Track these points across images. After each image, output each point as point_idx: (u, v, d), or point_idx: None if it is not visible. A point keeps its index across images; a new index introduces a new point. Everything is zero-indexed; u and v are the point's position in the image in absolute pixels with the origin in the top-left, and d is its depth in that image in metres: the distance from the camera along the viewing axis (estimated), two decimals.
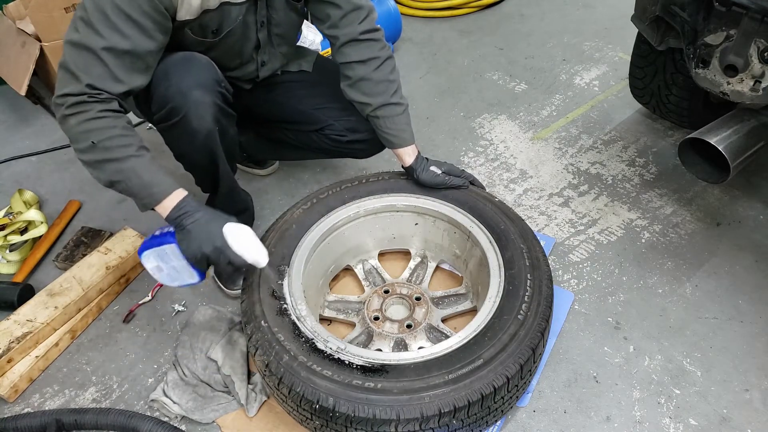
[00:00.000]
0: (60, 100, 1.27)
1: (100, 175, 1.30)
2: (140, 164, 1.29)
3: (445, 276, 1.75)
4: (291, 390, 1.22)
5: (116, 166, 1.27)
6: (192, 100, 1.41)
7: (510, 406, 1.32)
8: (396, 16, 2.65)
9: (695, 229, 1.89)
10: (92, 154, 1.27)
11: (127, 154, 1.28)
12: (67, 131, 1.29)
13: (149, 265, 1.33)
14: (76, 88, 1.25)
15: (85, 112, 1.26)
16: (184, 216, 1.29)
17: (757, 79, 1.52)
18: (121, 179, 1.28)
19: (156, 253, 1.31)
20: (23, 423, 1.33)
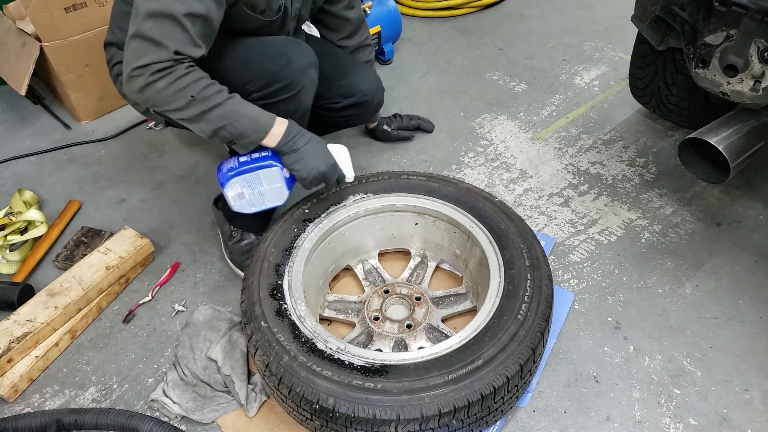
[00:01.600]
0: (139, 71, 1.27)
1: (205, 127, 1.34)
2: (239, 103, 1.35)
3: (445, 276, 1.75)
4: (291, 390, 1.22)
5: (219, 111, 1.32)
6: (309, 78, 1.52)
7: (510, 406, 1.32)
8: (396, 16, 2.65)
9: (695, 229, 1.89)
10: (194, 108, 1.31)
11: (224, 97, 1.33)
12: (154, 96, 1.29)
13: (233, 192, 1.43)
14: (161, 55, 1.26)
15: (173, 73, 1.28)
16: (297, 137, 1.39)
17: (757, 79, 1.52)
18: (226, 123, 1.33)
19: (245, 179, 1.41)
20: (23, 423, 1.33)
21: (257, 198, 1.46)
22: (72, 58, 2.26)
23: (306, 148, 1.41)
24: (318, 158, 1.42)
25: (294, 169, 1.41)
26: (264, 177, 1.42)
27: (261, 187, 1.44)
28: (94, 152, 2.30)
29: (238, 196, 1.44)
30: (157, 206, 2.04)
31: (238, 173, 1.41)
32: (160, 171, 2.19)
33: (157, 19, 1.26)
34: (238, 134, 1.36)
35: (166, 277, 1.78)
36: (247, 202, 1.46)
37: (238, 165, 1.42)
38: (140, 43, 1.27)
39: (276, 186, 1.44)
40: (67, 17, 2.18)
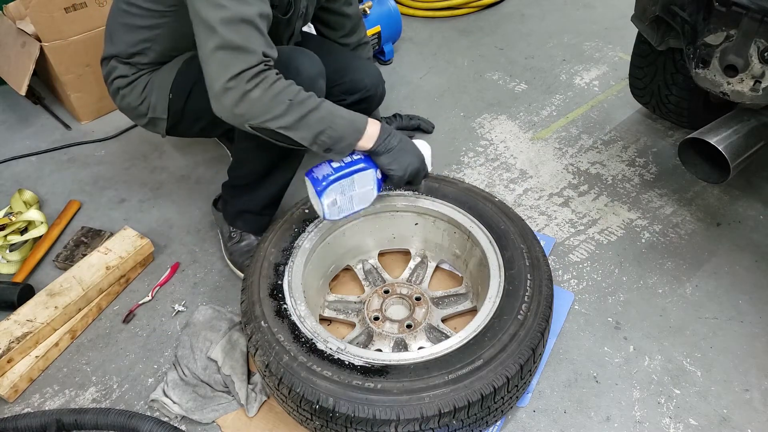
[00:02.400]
0: (234, 82, 1.22)
1: (305, 133, 1.29)
2: (332, 106, 1.32)
3: (445, 276, 1.75)
4: (291, 390, 1.22)
5: (317, 114, 1.28)
6: (318, 87, 1.48)
7: (510, 406, 1.32)
8: (396, 16, 2.65)
9: (695, 229, 1.89)
10: (292, 114, 1.26)
11: (318, 101, 1.30)
12: (252, 106, 1.24)
13: (328, 200, 1.37)
14: (252, 60, 1.23)
15: (266, 79, 1.24)
16: (391, 137, 1.38)
17: (757, 79, 1.52)
18: (325, 127, 1.29)
19: (341, 185, 1.37)
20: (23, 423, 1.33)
21: (347, 203, 1.41)
22: (72, 58, 2.26)
23: (400, 146, 1.39)
24: (411, 155, 1.41)
25: (390, 168, 1.39)
26: (358, 181, 1.38)
27: (353, 192, 1.39)
28: (94, 152, 2.30)
29: (332, 204, 1.38)
30: (157, 206, 2.05)
31: (335, 179, 1.35)
32: (160, 171, 2.19)
33: (236, 26, 1.21)
34: (337, 137, 1.31)
35: (166, 277, 1.78)
36: (337, 209, 1.41)
37: (333, 171, 1.36)
38: (226, 53, 1.21)
39: (367, 189, 1.41)
40: (67, 17, 2.18)
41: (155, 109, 1.61)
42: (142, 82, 1.60)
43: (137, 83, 1.61)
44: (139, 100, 1.61)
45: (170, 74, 1.57)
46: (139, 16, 1.51)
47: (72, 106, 2.40)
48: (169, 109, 1.59)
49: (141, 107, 1.63)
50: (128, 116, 1.71)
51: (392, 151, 1.38)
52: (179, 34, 1.52)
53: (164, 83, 1.57)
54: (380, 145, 1.37)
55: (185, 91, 1.55)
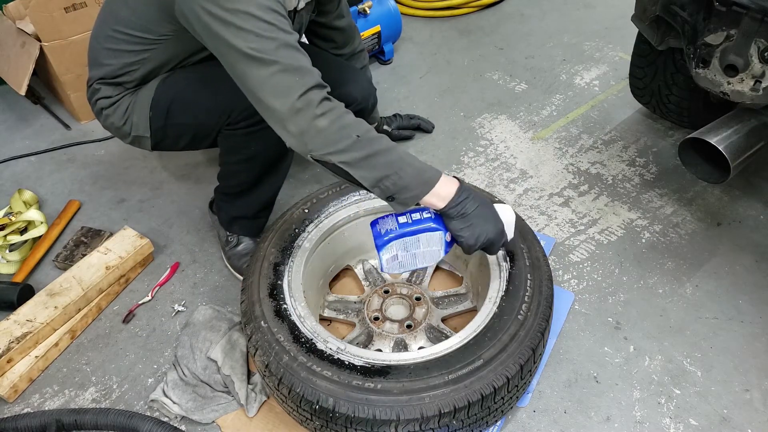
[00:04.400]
0: (301, 103, 1.16)
1: (368, 174, 1.20)
2: (405, 153, 1.24)
3: (445, 276, 1.74)
4: (291, 390, 1.22)
5: (386, 158, 1.20)
6: None
7: (510, 406, 1.32)
8: (396, 16, 2.65)
9: (695, 229, 1.88)
10: (358, 151, 1.18)
11: (389, 144, 1.22)
12: (318, 134, 1.17)
13: (388, 255, 1.29)
14: (312, 80, 1.18)
15: (335, 109, 1.19)
16: (468, 201, 1.26)
17: (757, 78, 1.52)
18: (391, 172, 1.20)
19: (404, 242, 1.28)
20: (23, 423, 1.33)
21: (409, 259, 1.32)
22: (72, 58, 2.26)
23: (476, 213, 1.26)
24: (488, 224, 1.27)
25: (460, 235, 1.26)
26: (423, 240, 1.28)
27: (417, 250, 1.30)
28: (94, 152, 2.30)
29: (392, 259, 1.30)
30: (157, 206, 2.04)
31: (398, 236, 1.27)
32: (159, 171, 2.19)
33: (284, 50, 1.18)
34: (402, 186, 1.21)
35: (166, 277, 1.78)
36: (398, 264, 1.32)
37: (398, 227, 1.28)
38: (285, 76, 1.17)
39: (433, 249, 1.30)
40: (67, 17, 2.18)
41: (138, 128, 1.59)
42: (125, 102, 1.58)
43: (120, 103, 1.59)
44: (122, 120, 1.59)
45: (150, 93, 1.55)
46: (125, 42, 1.48)
47: (72, 106, 2.40)
48: (151, 127, 1.57)
49: (125, 127, 1.61)
50: (114, 134, 1.68)
51: (466, 217, 1.26)
52: (168, 57, 1.51)
53: (144, 102, 1.55)
54: (453, 208, 1.25)
55: (164, 109, 1.53)
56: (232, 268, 1.77)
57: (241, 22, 1.16)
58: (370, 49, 2.62)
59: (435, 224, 1.28)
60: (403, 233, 1.27)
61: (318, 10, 1.78)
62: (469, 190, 1.27)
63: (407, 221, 1.29)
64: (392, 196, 1.23)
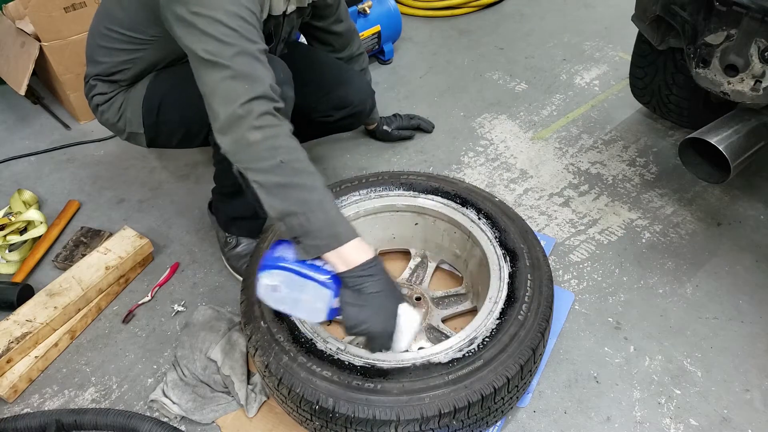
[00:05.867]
0: (243, 110, 1.13)
1: (276, 203, 1.14)
2: (328, 199, 1.16)
3: (445, 276, 1.74)
4: (291, 391, 1.21)
5: (301, 194, 1.13)
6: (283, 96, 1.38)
7: (510, 406, 1.32)
8: (396, 15, 2.65)
9: (696, 229, 1.88)
10: (278, 176, 1.13)
11: (315, 183, 1.15)
12: (248, 147, 1.14)
13: (268, 281, 1.18)
14: (259, 90, 1.16)
15: (275, 127, 1.15)
16: (370, 279, 1.14)
17: (757, 78, 1.52)
18: (300, 211, 1.12)
19: (291, 278, 1.16)
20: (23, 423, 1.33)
21: (291, 302, 1.19)
22: (71, 57, 2.26)
23: (372, 299, 1.14)
24: (378, 317, 1.15)
25: (345, 309, 1.15)
26: (310, 290, 1.16)
27: (301, 295, 1.17)
28: (94, 152, 2.30)
29: (270, 288, 1.18)
30: (157, 206, 2.04)
31: (287, 269, 1.16)
32: (159, 171, 2.19)
33: (240, 58, 1.17)
34: (308, 230, 1.13)
35: (166, 277, 1.78)
36: (276, 298, 1.20)
37: (294, 261, 1.17)
38: (233, 83, 1.15)
39: (317, 306, 1.17)
40: (67, 17, 2.18)
41: (132, 124, 1.61)
42: (119, 99, 1.61)
43: (114, 100, 1.61)
44: (116, 116, 1.62)
45: (142, 90, 1.57)
46: (118, 41, 1.51)
47: (71, 106, 2.40)
48: (144, 123, 1.59)
49: (119, 123, 1.63)
50: (110, 131, 1.72)
51: (361, 295, 1.14)
52: (159, 57, 1.53)
53: (137, 99, 1.58)
54: (351, 278, 1.14)
55: (155, 106, 1.55)
56: (232, 269, 1.76)
57: (205, 26, 1.17)
58: (370, 49, 2.62)
59: (330, 281, 1.15)
60: (293, 269, 1.16)
61: (315, 15, 1.77)
62: (379, 271, 1.16)
63: (313, 263, 1.17)
64: (297, 238, 1.16)
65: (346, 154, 2.22)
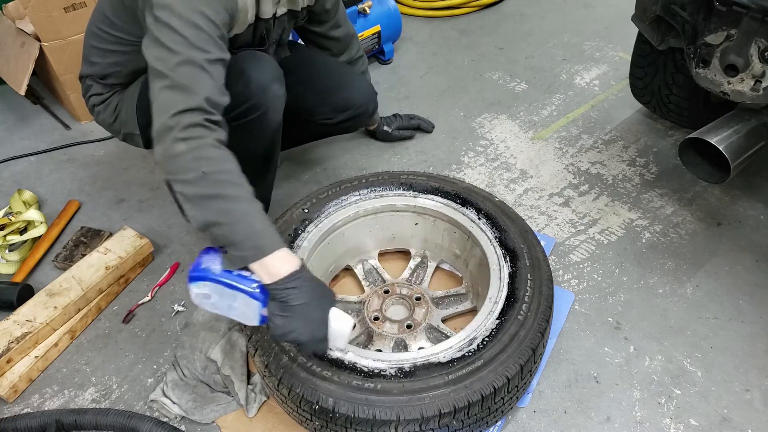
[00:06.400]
0: (172, 121, 1.13)
1: (198, 214, 1.13)
2: (252, 209, 1.15)
3: (445, 276, 1.74)
4: (291, 391, 1.21)
5: (224, 205, 1.12)
6: (272, 95, 1.42)
7: (510, 406, 1.32)
8: (396, 15, 2.65)
9: (696, 229, 1.88)
10: (199, 187, 1.12)
11: (239, 194, 1.14)
12: (172, 158, 1.13)
13: (197, 290, 1.19)
14: (192, 102, 1.14)
15: (201, 138, 1.13)
16: (294, 291, 1.14)
17: (757, 78, 1.52)
18: (224, 222, 1.12)
19: (219, 289, 1.17)
20: (22, 423, 1.33)
21: (225, 307, 1.20)
22: (71, 57, 2.26)
23: (299, 308, 1.14)
24: (305, 326, 1.15)
25: (272, 320, 1.15)
26: (240, 300, 1.17)
27: (234, 303, 1.18)
28: (94, 152, 2.30)
29: (202, 296, 1.19)
30: (157, 206, 2.04)
31: (214, 280, 1.16)
32: (159, 171, 2.19)
33: (182, 68, 1.17)
34: (231, 241, 1.13)
35: (166, 277, 1.78)
36: (211, 304, 1.20)
37: (221, 272, 1.17)
38: (168, 93, 1.16)
39: (248, 315, 1.18)
40: (67, 17, 2.18)
41: (127, 125, 1.62)
42: (115, 100, 1.62)
43: (110, 101, 1.62)
44: (112, 117, 1.63)
45: (135, 91, 1.58)
46: (109, 42, 1.52)
47: (71, 106, 2.40)
48: (139, 124, 1.59)
49: (115, 125, 1.65)
50: (107, 131, 1.73)
51: (286, 307, 1.13)
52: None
53: (130, 100, 1.58)
54: (276, 291, 1.14)
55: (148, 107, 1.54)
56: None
57: (158, 32, 1.18)
58: (370, 49, 2.62)
59: (258, 292, 1.15)
60: (220, 281, 1.16)
61: (312, 20, 1.77)
62: (304, 283, 1.15)
63: (240, 273, 1.17)
64: (223, 248, 1.16)
65: (346, 154, 2.22)
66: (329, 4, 1.75)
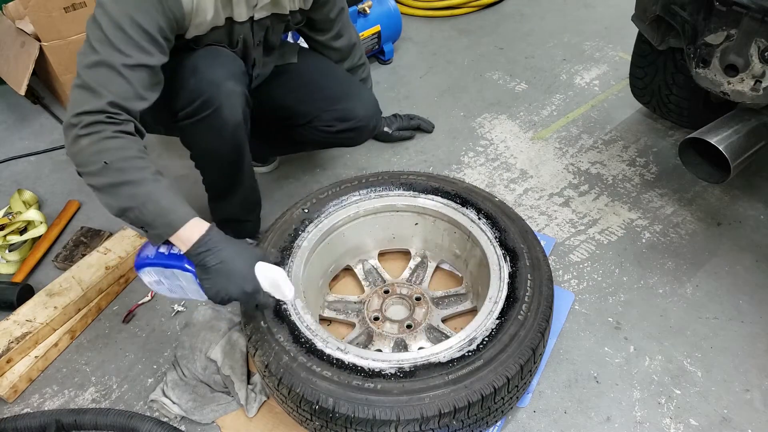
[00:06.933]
0: (75, 119, 1.19)
1: (111, 201, 1.20)
2: (157, 189, 1.20)
3: (445, 276, 1.74)
4: (291, 391, 1.21)
5: (130, 189, 1.18)
6: (225, 90, 1.40)
7: (510, 406, 1.32)
8: (396, 15, 2.65)
9: (696, 229, 1.88)
10: (104, 177, 1.18)
11: (142, 176, 1.19)
12: (77, 153, 1.19)
13: (148, 279, 1.28)
14: (96, 105, 1.19)
15: (100, 132, 1.18)
16: (208, 254, 1.21)
17: (757, 78, 1.52)
18: (134, 205, 1.18)
19: (161, 271, 1.26)
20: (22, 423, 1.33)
21: (177, 289, 1.30)
22: (71, 58, 2.26)
23: (217, 269, 1.21)
24: (230, 282, 1.22)
25: (202, 284, 1.24)
26: (180, 276, 1.26)
27: (179, 282, 1.28)
28: None
29: (155, 283, 1.29)
30: None
31: (152, 264, 1.26)
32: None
33: (96, 69, 1.20)
34: (146, 222, 1.19)
35: None
36: (167, 289, 1.31)
37: (155, 255, 1.26)
38: (78, 92, 1.21)
39: (194, 288, 1.27)
40: (66, 17, 2.18)
41: None
42: None
43: None
44: None
45: None
46: None
47: None
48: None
49: None
50: None
51: (206, 269, 1.21)
52: None
53: None
54: (194, 256, 1.21)
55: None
56: None
57: (89, 29, 1.23)
58: (370, 49, 2.62)
59: (188, 264, 1.23)
60: (157, 263, 1.25)
61: (313, 27, 1.76)
62: (215, 243, 1.21)
63: (165, 252, 1.25)
64: (143, 228, 1.22)
65: (346, 154, 2.22)
66: (333, 13, 1.73)
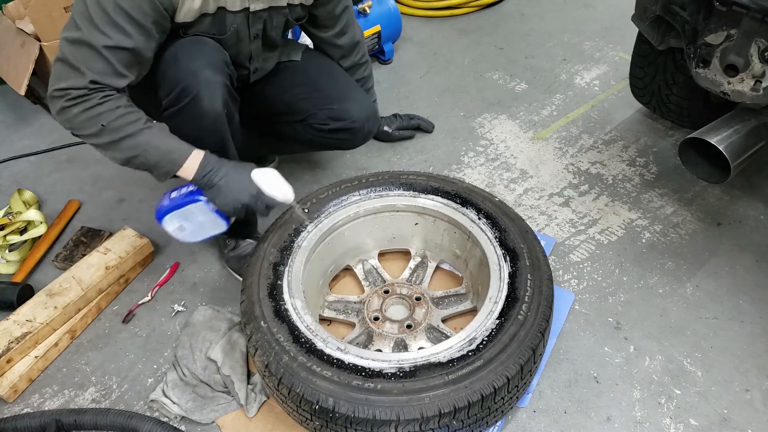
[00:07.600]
0: (59, 93, 1.29)
1: (116, 155, 1.34)
2: (153, 135, 1.34)
3: (445, 276, 1.74)
4: (291, 391, 1.21)
5: (130, 141, 1.32)
6: (203, 80, 1.41)
7: (510, 406, 1.32)
8: (396, 15, 2.65)
9: (696, 229, 1.88)
10: (104, 137, 1.31)
11: (138, 128, 1.33)
12: (68, 120, 1.31)
13: (171, 227, 1.42)
14: (78, 82, 1.27)
15: (87, 101, 1.28)
16: (212, 173, 1.37)
17: (757, 78, 1.52)
18: (137, 153, 1.33)
19: (179, 214, 1.40)
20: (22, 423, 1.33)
21: (198, 229, 1.45)
22: None
23: (223, 182, 1.37)
24: (237, 191, 1.38)
25: (215, 203, 1.39)
26: (196, 211, 1.41)
27: (197, 219, 1.42)
28: (94, 152, 2.27)
29: (178, 230, 1.43)
30: None
31: (169, 209, 1.40)
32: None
33: (79, 47, 1.27)
34: (151, 165, 1.36)
35: (166, 277, 1.78)
36: (190, 233, 1.45)
37: (170, 202, 1.41)
38: (61, 66, 1.29)
39: (210, 218, 1.42)
40: (67, 17, 2.16)
41: None
42: None
43: None
44: None
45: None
46: None
47: None
48: None
49: None
50: None
51: (214, 187, 1.37)
52: None
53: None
54: (201, 180, 1.37)
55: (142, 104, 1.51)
56: (232, 270, 1.77)
57: (76, 5, 1.29)
58: (370, 49, 2.62)
59: (197, 195, 1.39)
60: (173, 206, 1.39)
61: (317, 24, 1.75)
62: (215, 163, 1.38)
63: (177, 195, 1.41)
64: (150, 170, 1.38)
65: (346, 154, 2.22)
66: (338, 10, 1.73)
